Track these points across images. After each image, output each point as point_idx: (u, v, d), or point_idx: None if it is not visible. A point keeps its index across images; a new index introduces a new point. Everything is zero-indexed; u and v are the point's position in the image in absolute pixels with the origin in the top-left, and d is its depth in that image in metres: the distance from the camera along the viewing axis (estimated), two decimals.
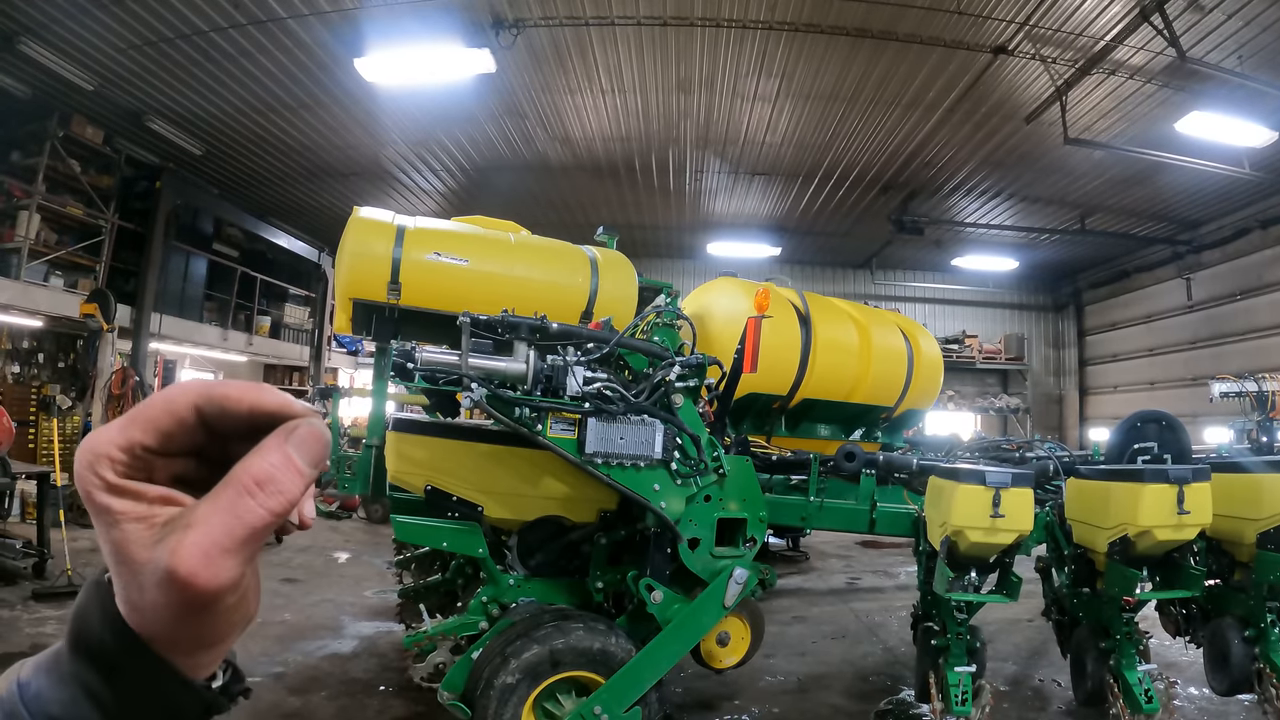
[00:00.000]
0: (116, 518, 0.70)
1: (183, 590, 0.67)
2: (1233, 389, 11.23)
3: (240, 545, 0.69)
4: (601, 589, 6.17)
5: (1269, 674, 5.93)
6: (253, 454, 0.72)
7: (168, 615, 0.70)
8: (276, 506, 0.70)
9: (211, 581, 0.68)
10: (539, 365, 5.06)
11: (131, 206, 17.89)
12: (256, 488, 0.70)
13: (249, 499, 0.69)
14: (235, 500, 0.69)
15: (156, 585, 0.68)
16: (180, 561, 0.67)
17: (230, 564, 0.69)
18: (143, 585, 0.69)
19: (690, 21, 12.79)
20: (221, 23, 12.50)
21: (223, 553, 0.68)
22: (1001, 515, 4.98)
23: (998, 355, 27.53)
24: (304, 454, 0.73)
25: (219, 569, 0.68)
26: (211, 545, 0.68)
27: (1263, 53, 12.60)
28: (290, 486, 0.72)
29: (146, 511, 0.70)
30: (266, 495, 0.70)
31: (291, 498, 0.72)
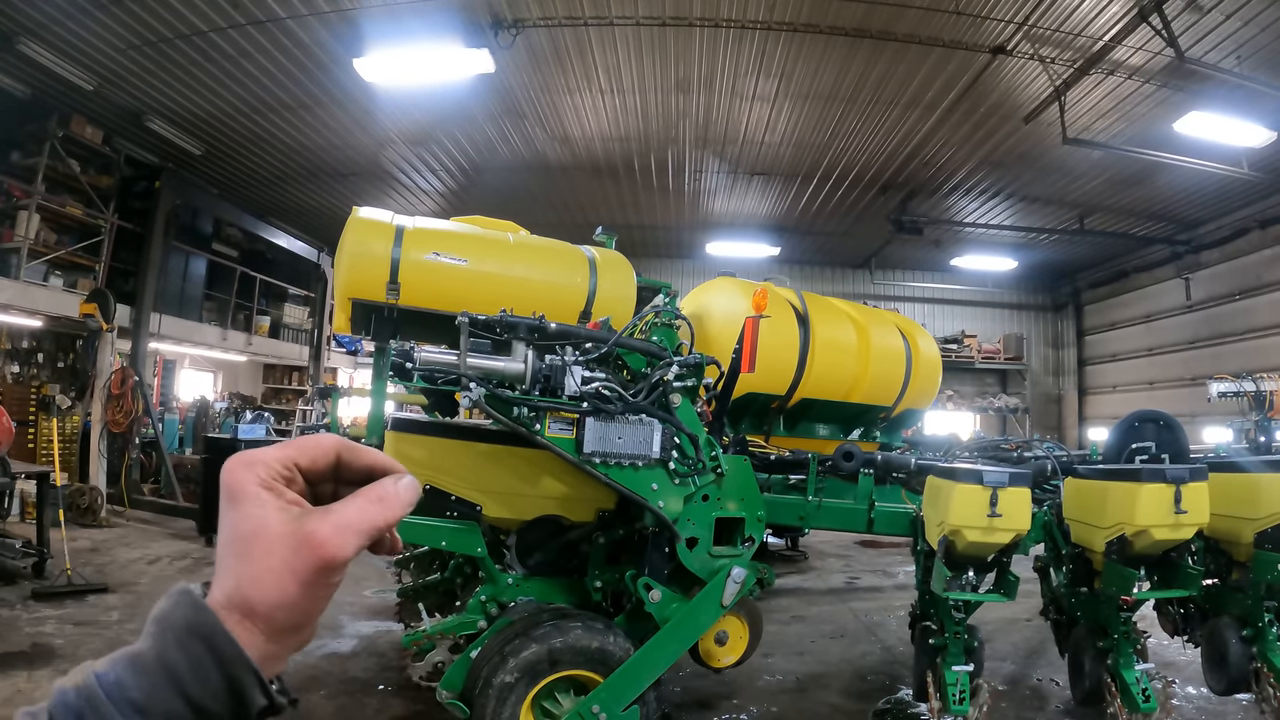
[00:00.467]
0: (265, 501, 0.88)
1: (315, 550, 0.87)
2: (1231, 389, 11.27)
3: (363, 533, 0.91)
4: (600, 588, 6.16)
5: (1266, 673, 5.93)
6: (376, 483, 0.96)
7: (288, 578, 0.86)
8: (391, 515, 0.94)
9: (340, 549, 0.88)
10: (537, 365, 5.06)
11: (131, 206, 17.90)
12: (379, 500, 0.93)
13: (374, 505, 0.93)
14: (365, 504, 0.92)
15: (293, 549, 0.86)
16: (320, 530, 0.87)
17: (354, 542, 0.90)
18: (271, 550, 0.86)
19: (689, 22, 12.79)
20: (221, 23, 12.51)
21: (353, 532, 0.89)
22: (999, 515, 4.98)
23: (997, 355, 27.53)
24: (407, 493, 0.97)
25: (346, 542, 0.89)
26: (346, 525, 0.89)
27: (1261, 53, 12.61)
28: (398, 508, 0.95)
29: (284, 503, 0.89)
30: (385, 506, 0.93)
31: (397, 515, 0.95)
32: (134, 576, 10.93)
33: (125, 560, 11.93)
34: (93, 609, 9.30)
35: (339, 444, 0.99)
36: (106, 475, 15.77)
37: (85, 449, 16.08)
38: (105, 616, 9.02)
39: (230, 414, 20.57)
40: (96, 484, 15.24)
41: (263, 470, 0.90)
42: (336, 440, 0.99)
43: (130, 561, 11.88)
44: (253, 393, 25.92)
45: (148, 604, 0.99)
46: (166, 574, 11.37)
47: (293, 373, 26.00)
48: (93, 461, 15.73)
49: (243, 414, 19.23)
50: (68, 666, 5.34)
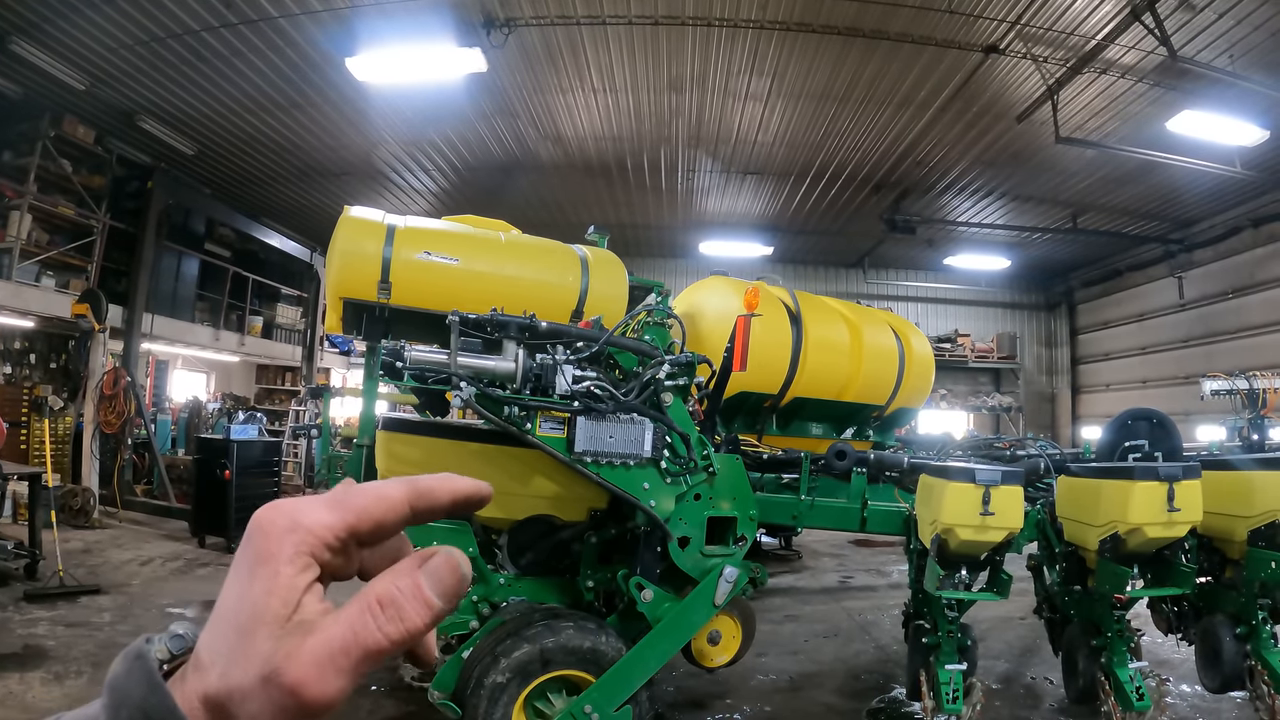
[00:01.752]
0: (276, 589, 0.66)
1: (285, 695, 0.64)
2: (1224, 387, 11.27)
3: (353, 665, 0.65)
4: (592, 588, 6.16)
5: (1260, 671, 5.94)
6: (386, 573, 0.70)
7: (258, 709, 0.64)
8: (394, 633, 0.66)
9: (317, 696, 0.64)
10: (528, 364, 5.04)
11: (123, 206, 17.90)
12: (379, 609, 0.66)
13: (369, 619, 0.66)
14: (357, 617, 0.66)
15: (261, 680, 0.64)
16: (291, 666, 0.64)
17: (338, 682, 0.65)
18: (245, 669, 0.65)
19: (681, 21, 12.79)
20: (213, 22, 12.49)
21: (336, 669, 0.64)
22: (991, 513, 4.97)
23: (990, 354, 27.56)
24: (434, 584, 0.69)
25: (327, 685, 0.64)
26: (325, 658, 0.64)
27: (1254, 51, 12.63)
28: (413, 616, 0.67)
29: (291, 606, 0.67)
30: (386, 620, 0.66)
31: (411, 627, 0.67)
32: (126, 578, 10.90)
33: (118, 561, 11.90)
34: (85, 610, 9.27)
35: (409, 494, 0.74)
36: (99, 476, 15.74)
37: (77, 450, 16.04)
38: (97, 618, 8.99)
39: (223, 415, 20.53)
40: (89, 485, 15.19)
41: (306, 540, 0.69)
42: (406, 491, 0.75)
43: (123, 563, 11.85)
44: (246, 393, 25.88)
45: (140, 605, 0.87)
46: (159, 575, 11.35)
47: (286, 373, 25.98)
48: (85, 462, 15.70)
49: (235, 415, 19.21)
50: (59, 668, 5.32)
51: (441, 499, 0.76)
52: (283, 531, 0.68)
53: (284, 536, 0.68)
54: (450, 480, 0.77)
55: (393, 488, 0.74)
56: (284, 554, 0.67)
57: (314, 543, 0.68)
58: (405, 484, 0.75)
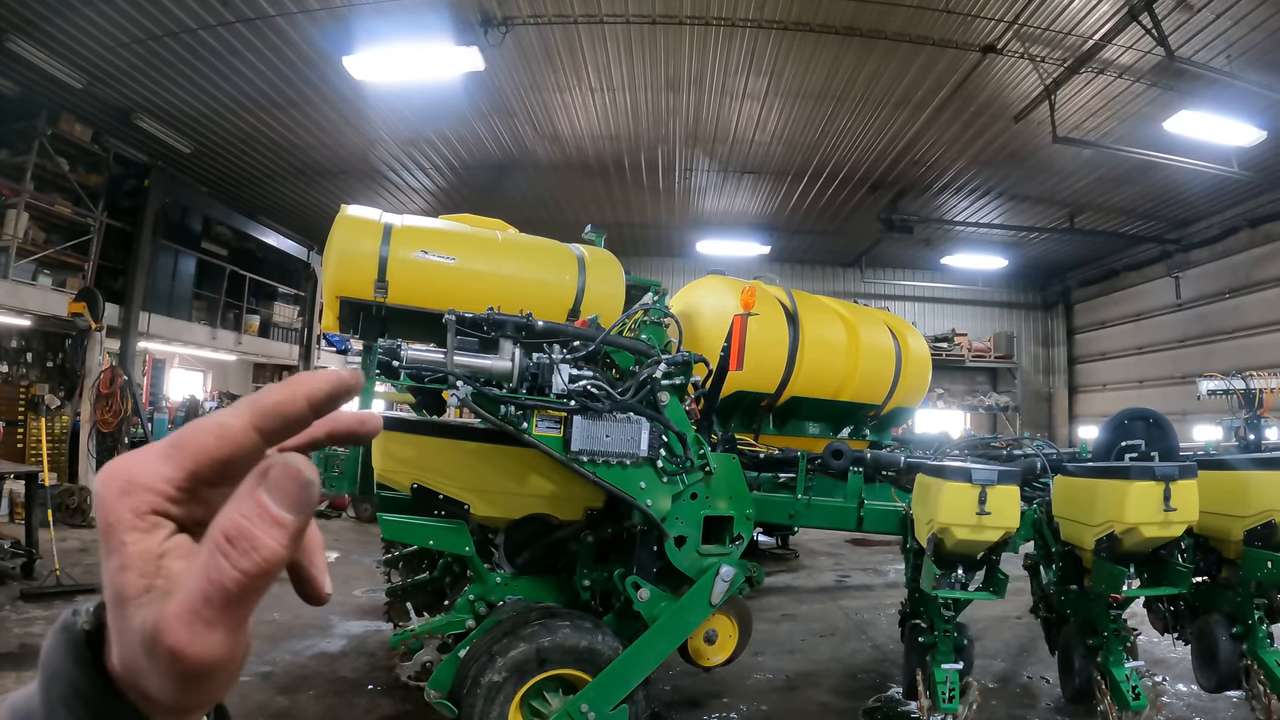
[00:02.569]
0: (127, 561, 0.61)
1: (169, 661, 0.58)
2: (1220, 387, 11.24)
3: (221, 613, 0.58)
4: (588, 587, 6.16)
5: (1256, 670, 5.95)
6: (230, 502, 0.60)
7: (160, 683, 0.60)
8: (250, 567, 0.57)
9: (202, 656, 0.58)
10: (525, 363, 5.05)
11: (120, 205, 17.87)
12: (228, 545, 0.58)
13: (221, 559, 0.57)
14: (208, 561, 0.58)
15: (147, 650, 0.59)
16: (162, 632, 0.58)
17: (213, 635, 0.58)
18: (131, 644, 0.60)
19: (679, 20, 12.79)
20: (210, 20, 12.47)
21: (205, 623, 0.58)
22: (987, 513, 4.97)
23: (987, 353, 27.57)
24: (279, 498, 0.59)
25: (202, 641, 0.58)
26: (190, 614, 0.57)
27: (1251, 52, 12.64)
28: (267, 541, 0.58)
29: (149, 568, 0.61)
30: (239, 554, 0.57)
31: (268, 554, 0.58)
32: None
33: None
34: None
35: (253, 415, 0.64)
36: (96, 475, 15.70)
37: (74, 449, 16.03)
38: None
39: None
40: (86, 484, 15.18)
41: (145, 500, 0.62)
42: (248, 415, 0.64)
43: None
44: (242, 392, 25.78)
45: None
46: None
47: (283, 372, 25.89)
48: (82, 461, 15.69)
49: None
50: None
51: (295, 409, 0.65)
52: (117, 496, 0.61)
53: (120, 502, 0.61)
54: (305, 383, 0.66)
55: (233, 415, 0.64)
56: (124, 522, 0.61)
57: (153, 500, 0.62)
58: (247, 406, 0.65)
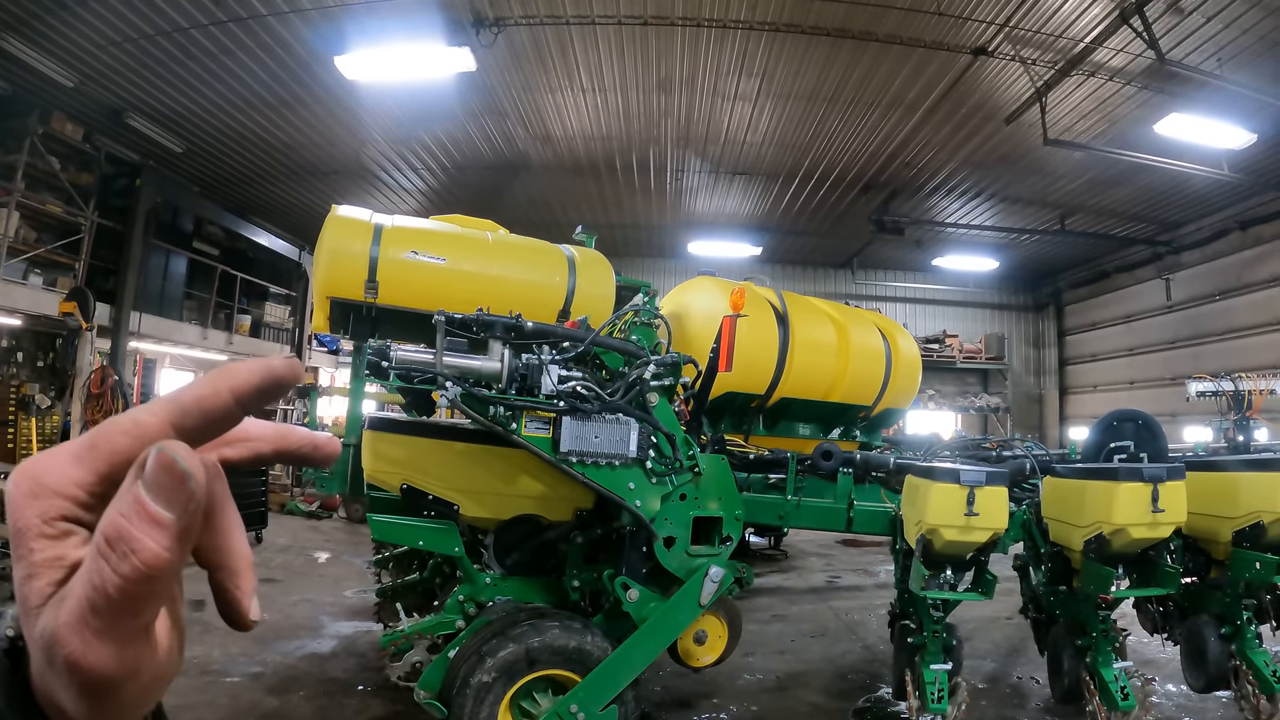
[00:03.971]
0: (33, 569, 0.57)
1: (69, 674, 0.54)
2: (1209, 388, 11.30)
3: (108, 622, 0.53)
4: (578, 587, 6.16)
5: (1245, 671, 5.97)
6: (113, 500, 0.55)
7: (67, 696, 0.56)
8: (129, 571, 0.52)
9: (93, 665, 0.54)
10: (514, 364, 5.04)
11: (111, 204, 17.80)
12: (108, 547, 0.52)
13: (102, 562, 0.52)
14: (92, 566, 0.53)
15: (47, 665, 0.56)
16: (60, 643, 0.54)
17: (105, 646, 0.54)
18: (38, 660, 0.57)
19: (671, 21, 12.80)
20: (202, 20, 12.47)
21: (95, 633, 0.53)
22: (976, 514, 4.98)
23: (978, 355, 27.61)
24: (156, 495, 0.53)
25: (95, 652, 0.53)
26: (80, 623, 0.53)
27: (1241, 55, 12.68)
28: (146, 543, 0.52)
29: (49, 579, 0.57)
30: (118, 557, 0.52)
31: (148, 557, 0.52)
32: None
33: None
34: None
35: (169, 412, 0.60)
36: None
37: None
38: None
39: None
40: None
41: (54, 505, 0.58)
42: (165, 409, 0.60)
43: None
44: None
45: None
46: None
47: None
48: None
49: None
50: None
51: (218, 404, 0.61)
52: (25, 499, 0.58)
53: (27, 506, 0.58)
54: (228, 375, 0.62)
55: (149, 412, 0.60)
56: (32, 528, 0.57)
57: (62, 505, 0.58)
58: (167, 404, 0.61)
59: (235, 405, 0.62)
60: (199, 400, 0.61)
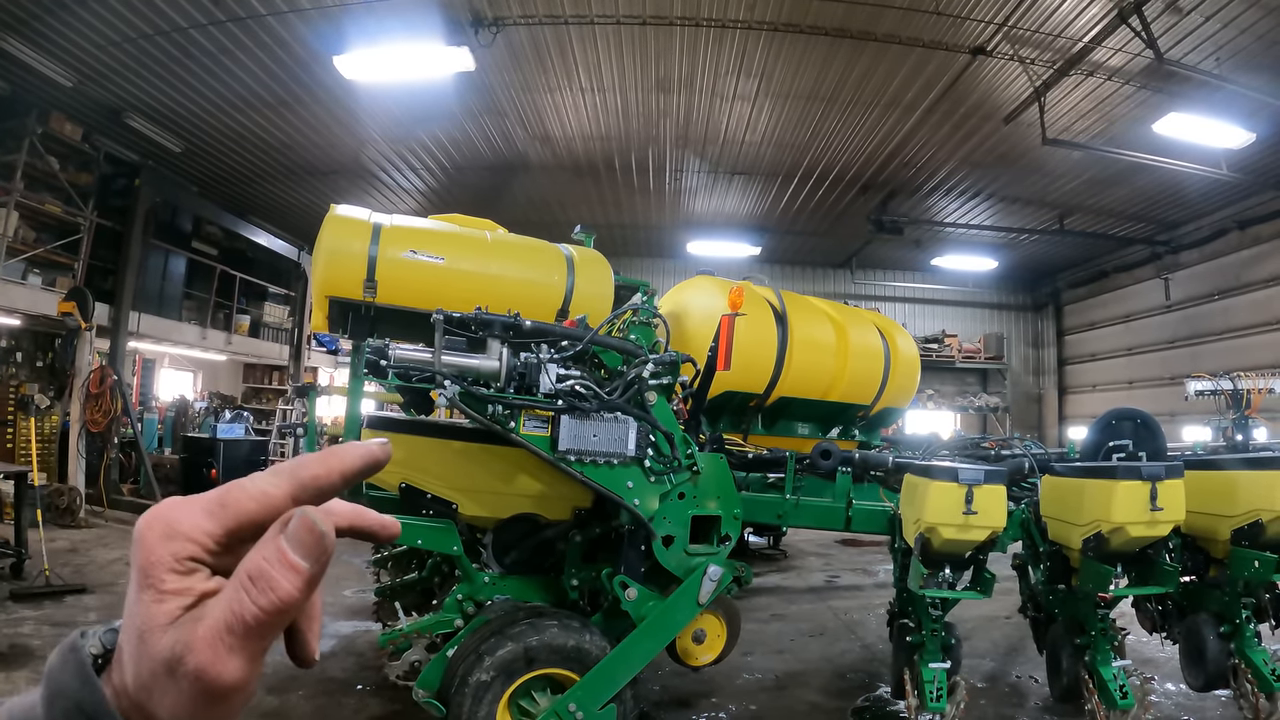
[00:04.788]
0: (163, 591, 0.68)
1: (193, 682, 0.66)
2: (1208, 387, 11.31)
3: (241, 641, 0.66)
4: (576, 586, 6.16)
5: (1244, 670, 5.97)
6: (256, 546, 0.70)
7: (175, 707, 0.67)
8: (266, 604, 0.66)
9: (218, 676, 0.66)
10: (512, 363, 5.04)
11: (110, 204, 17.82)
12: (250, 583, 0.67)
13: (243, 595, 0.67)
14: (234, 595, 0.67)
15: (169, 672, 0.66)
16: (190, 654, 0.66)
17: (234, 660, 0.66)
18: (154, 669, 0.67)
19: (669, 21, 12.80)
20: (201, 19, 12.46)
21: (227, 648, 0.66)
22: (974, 512, 4.98)
23: (977, 354, 27.63)
24: (297, 547, 0.68)
25: (224, 664, 0.66)
26: (215, 640, 0.66)
27: (1240, 55, 12.68)
28: (282, 584, 0.67)
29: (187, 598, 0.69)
30: (258, 592, 0.67)
31: (283, 594, 0.67)
32: (112, 577, 10.84)
33: (104, 561, 11.85)
34: (71, 610, 9.25)
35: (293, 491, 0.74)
36: (85, 475, 15.67)
37: (64, 449, 15.98)
38: (83, 618, 8.96)
39: (210, 413, 20.50)
40: (75, 484, 15.14)
41: (185, 548, 0.70)
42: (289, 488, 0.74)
43: (109, 562, 11.80)
44: (233, 392, 25.82)
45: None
46: None
47: (273, 372, 25.91)
48: (71, 461, 15.64)
49: (222, 413, 19.16)
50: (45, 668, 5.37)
51: (329, 483, 0.75)
52: (160, 539, 0.69)
53: (162, 545, 0.69)
54: (338, 458, 0.76)
55: (276, 487, 0.73)
56: (164, 564, 0.69)
57: (193, 550, 0.70)
58: (289, 480, 0.74)
59: (342, 484, 0.76)
60: (315, 479, 0.75)
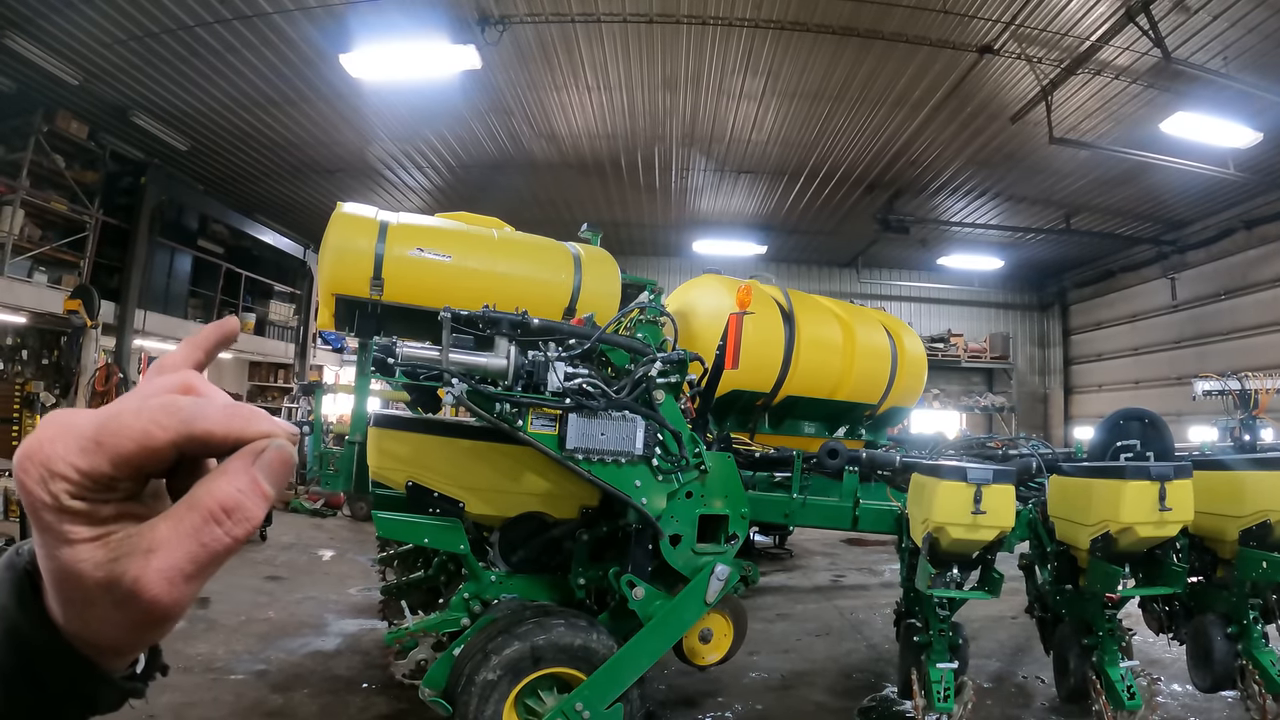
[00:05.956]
0: (65, 536, 0.67)
1: (146, 612, 0.68)
2: (1215, 387, 11.25)
3: (203, 571, 0.69)
4: (583, 585, 6.14)
5: (1251, 671, 5.96)
6: (218, 476, 0.70)
7: (118, 629, 0.70)
8: (241, 534, 0.69)
9: (175, 605, 0.68)
10: (520, 361, 5.03)
11: (116, 202, 17.79)
12: (224, 515, 0.68)
13: (215, 526, 0.68)
14: (201, 527, 0.68)
15: (114, 604, 0.68)
16: (145, 587, 0.66)
17: (193, 588, 0.69)
18: (92, 600, 0.68)
19: (676, 19, 12.79)
20: (207, 18, 12.47)
21: (186, 579, 0.68)
22: (983, 512, 4.97)
23: (983, 354, 27.60)
24: (271, 478, 0.71)
25: (182, 593, 0.68)
26: (176, 571, 0.67)
27: (1248, 54, 12.66)
28: (257, 513, 0.70)
29: (99, 531, 0.68)
30: (234, 523, 0.69)
31: (256, 523, 0.70)
32: None
33: None
34: None
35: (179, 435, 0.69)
36: None
37: None
38: None
39: None
40: None
41: (62, 490, 0.66)
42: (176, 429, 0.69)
43: None
44: (238, 390, 25.75)
45: None
46: None
47: (278, 370, 25.86)
48: None
49: None
50: None
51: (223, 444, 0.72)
52: (37, 484, 0.67)
53: (41, 489, 0.67)
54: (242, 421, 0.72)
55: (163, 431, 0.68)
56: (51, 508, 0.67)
57: (67, 491, 0.67)
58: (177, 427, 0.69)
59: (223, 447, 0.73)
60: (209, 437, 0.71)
